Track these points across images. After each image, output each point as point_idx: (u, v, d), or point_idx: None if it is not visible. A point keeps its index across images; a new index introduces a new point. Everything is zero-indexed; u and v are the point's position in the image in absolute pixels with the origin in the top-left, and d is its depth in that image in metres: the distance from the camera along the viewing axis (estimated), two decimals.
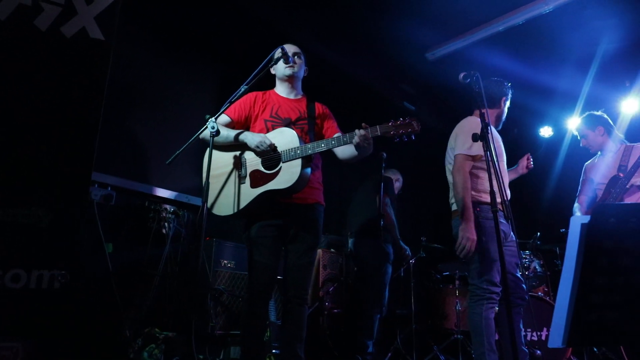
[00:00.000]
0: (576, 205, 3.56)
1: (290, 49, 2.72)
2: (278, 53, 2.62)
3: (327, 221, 5.00)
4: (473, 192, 2.83)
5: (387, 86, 5.22)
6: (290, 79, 2.74)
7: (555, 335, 1.22)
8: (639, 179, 3.24)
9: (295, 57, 2.72)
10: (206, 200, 2.34)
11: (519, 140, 5.93)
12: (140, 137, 3.98)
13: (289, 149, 2.47)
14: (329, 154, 2.65)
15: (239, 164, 2.59)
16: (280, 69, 2.72)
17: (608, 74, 5.11)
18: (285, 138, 2.50)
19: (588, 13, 4.20)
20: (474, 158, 2.81)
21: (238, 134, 2.56)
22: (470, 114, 3.07)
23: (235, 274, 3.66)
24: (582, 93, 5.36)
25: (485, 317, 2.72)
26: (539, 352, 3.72)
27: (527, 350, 2.93)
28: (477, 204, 2.81)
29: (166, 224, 3.71)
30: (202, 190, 2.39)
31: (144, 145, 3.99)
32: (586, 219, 1.10)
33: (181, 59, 4.39)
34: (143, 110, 4.03)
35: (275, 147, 2.51)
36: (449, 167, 3.02)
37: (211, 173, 2.42)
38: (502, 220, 2.88)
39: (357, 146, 2.40)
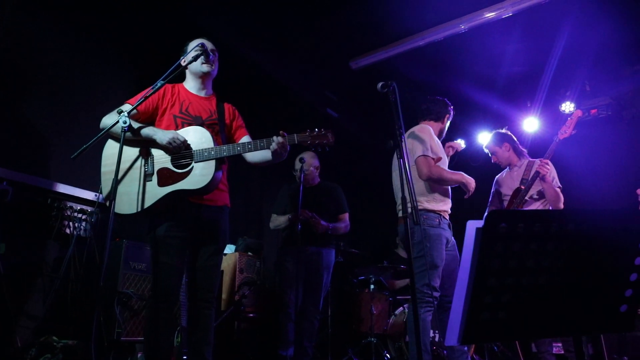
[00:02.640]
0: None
1: (208, 45, 2.65)
2: (197, 49, 2.55)
3: (245, 224, 4.96)
4: (421, 198, 3.01)
5: (311, 92, 5.28)
6: (205, 77, 2.67)
7: (451, 334, 1.29)
8: (535, 191, 3.57)
9: (212, 54, 2.65)
10: (114, 199, 2.21)
11: None
12: (44, 128, 3.66)
13: (202, 149, 2.40)
14: (238, 163, 2.64)
15: (144, 160, 2.46)
16: (196, 64, 2.62)
17: (512, 94, 5.57)
18: (198, 137, 2.43)
19: (495, 38, 4.55)
20: (433, 160, 3.06)
21: (145, 128, 2.43)
22: (416, 123, 3.37)
23: (146, 277, 3.48)
24: (491, 110, 5.80)
25: (422, 320, 2.83)
26: (445, 352, 3.92)
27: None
28: (424, 211, 2.99)
29: (70, 223, 3.44)
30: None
31: (48, 138, 3.68)
32: (480, 223, 1.17)
33: (96, 49, 4.11)
34: (50, 99, 3.72)
35: (189, 145, 2.43)
36: (396, 172, 3.18)
37: (112, 169, 2.29)
38: (446, 227, 3.07)
39: (273, 152, 2.43)
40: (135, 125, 2.42)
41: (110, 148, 2.49)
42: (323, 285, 3.89)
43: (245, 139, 2.71)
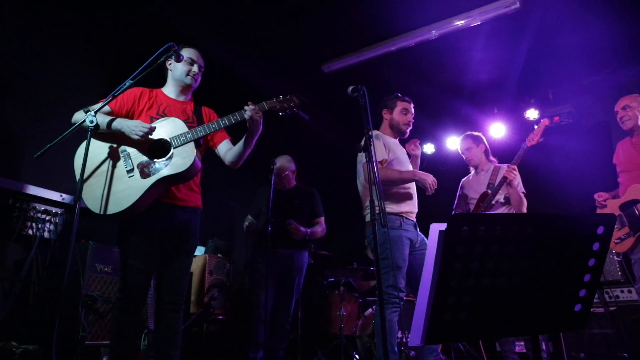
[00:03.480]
0: None
1: (199, 60, 2.72)
2: (187, 57, 2.63)
3: (215, 226, 4.92)
4: (387, 202, 3.04)
5: (283, 94, 5.27)
6: (186, 88, 2.72)
7: (415, 334, 1.32)
8: (501, 196, 3.68)
9: (199, 70, 2.72)
10: (79, 199, 2.17)
11: None
12: (8, 128, 3.55)
13: (178, 135, 2.42)
14: (215, 159, 2.62)
15: (121, 157, 2.44)
16: (180, 71, 2.66)
17: (480, 100, 5.73)
18: (172, 126, 2.45)
19: (464, 45, 4.67)
20: (381, 163, 3.09)
21: (114, 121, 2.42)
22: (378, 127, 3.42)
23: (113, 279, 3.41)
24: (460, 116, 5.94)
25: (389, 320, 2.87)
26: (412, 352, 3.98)
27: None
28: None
29: (34, 224, 3.34)
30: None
31: (12, 138, 3.56)
32: (443, 226, 1.22)
33: (64, 49, 4.00)
34: (16, 99, 3.61)
35: (154, 129, 2.43)
36: (360, 178, 3.25)
37: (91, 170, 2.29)
38: (409, 228, 3.11)
39: (249, 121, 2.48)
40: (106, 120, 2.41)
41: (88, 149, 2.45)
42: (295, 287, 3.91)
43: (226, 143, 2.73)
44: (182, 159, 2.39)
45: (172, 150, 2.41)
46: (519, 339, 4.02)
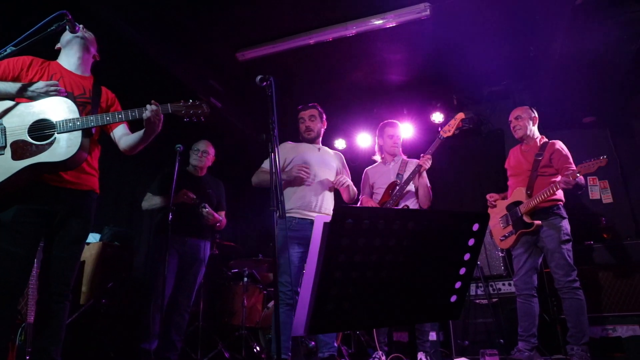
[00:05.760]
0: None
1: (85, 33, 2.51)
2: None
3: (114, 212, 4.63)
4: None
5: (195, 80, 5.10)
6: (82, 60, 2.50)
7: (298, 324, 1.33)
8: (413, 187, 3.84)
9: (77, 24, 2.48)
10: None
11: None
12: None
13: (66, 119, 2.21)
14: (111, 145, 2.45)
15: None
16: (67, 36, 2.45)
17: (391, 100, 5.95)
18: (61, 108, 2.23)
19: (379, 45, 4.81)
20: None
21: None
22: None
23: None
24: (371, 114, 6.13)
25: (283, 313, 2.91)
26: (312, 343, 4.04)
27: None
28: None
29: None
30: None
31: None
32: (328, 218, 1.23)
33: None
34: None
35: (60, 90, 2.23)
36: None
37: None
38: (299, 227, 3.17)
39: (147, 122, 2.33)
40: None
41: None
42: (198, 277, 3.80)
43: (122, 128, 2.56)
44: (65, 147, 2.18)
45: (55, 135, 2.19)
46: (433, 328, 4.23)
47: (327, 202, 3.41)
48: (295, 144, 3.55)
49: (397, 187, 3.77)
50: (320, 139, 3.67)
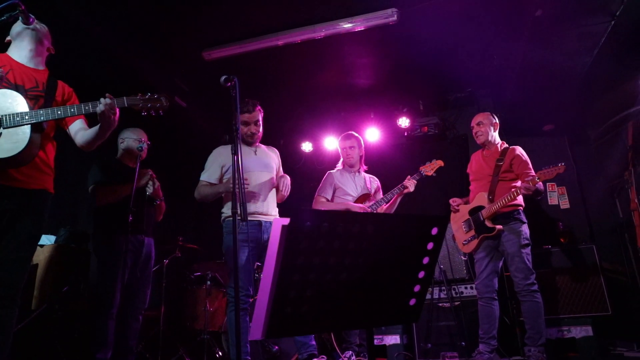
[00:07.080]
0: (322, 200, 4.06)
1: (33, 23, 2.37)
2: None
3: (73, 213, 4.46)
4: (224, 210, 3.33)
5: (160, 78, 4.98)
6: (35, 45, 2.39)
7: (256, 328, 1.30)
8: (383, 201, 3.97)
9: (31, 16, 2.37)
10: None
11: (284, 151, 6.40)
12: None
13: (13, 114, 2.10)
14: (68, 141, 2.36)
15: None
16: (18, 26, 2.34)
17: (358, 104, 5.99)
18: (8, 101, 2.12)
19: (347, 49, 4.83)
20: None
21: None
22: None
23: None
24: (338, 117, 6.14)
25: (234, 320, 2.84)
26: (276, 347, 4.00)
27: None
28: (224, 219, 3.30)
29: None
30: None
31: None
32: (286, 221, 1.21)
33: None
34: None
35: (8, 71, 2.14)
36: None
37: None
38: (250, 230, 3.12)
39: (101, 116, 2.25)
40: None
41: None
42: (150, 278, 3.67)
43: (79, 123, 2.46)
44: (10, 143, 2.08)
45: (0, 130, 2.09)
46: (397, 331, 4.29)
47: (270, 204, 3.39)
48: (229, 147, 3.37)
49: (374, 201, 3.94)
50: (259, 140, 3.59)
